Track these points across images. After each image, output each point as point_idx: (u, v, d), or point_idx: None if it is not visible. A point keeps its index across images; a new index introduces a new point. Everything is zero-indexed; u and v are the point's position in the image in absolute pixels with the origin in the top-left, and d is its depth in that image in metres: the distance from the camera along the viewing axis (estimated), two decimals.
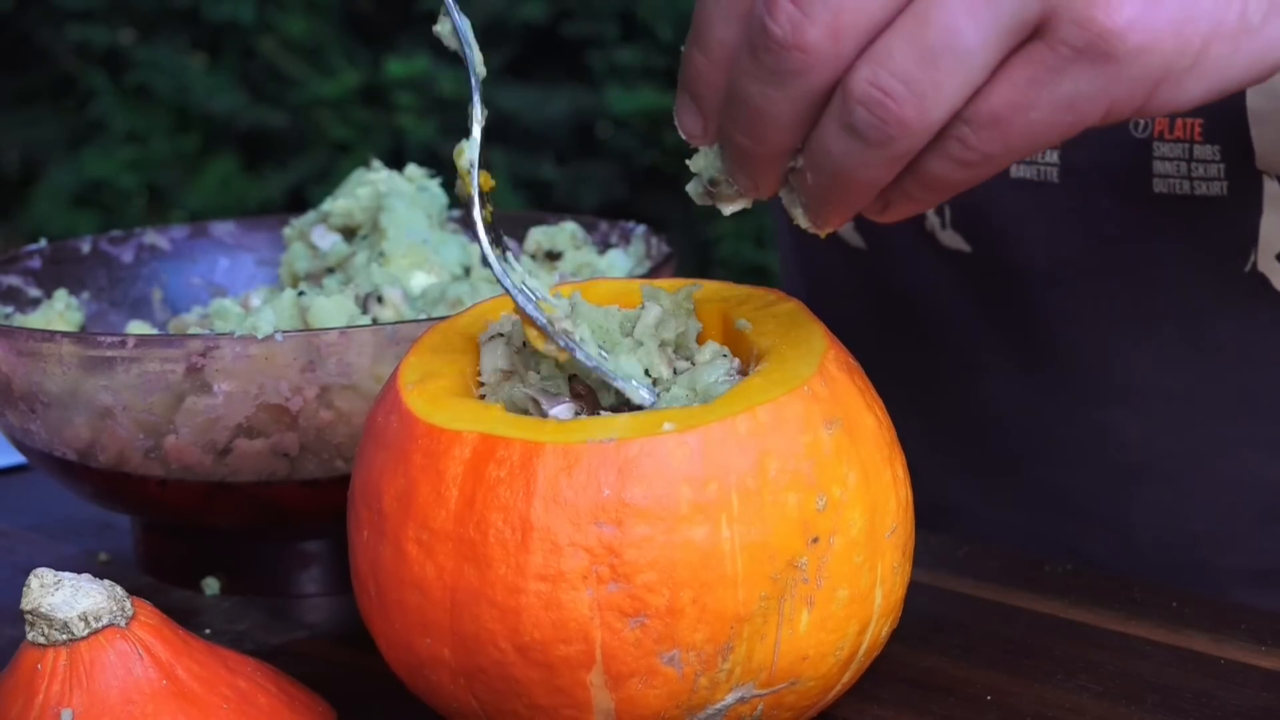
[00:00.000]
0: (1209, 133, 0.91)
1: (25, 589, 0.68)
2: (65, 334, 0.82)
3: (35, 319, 0.97)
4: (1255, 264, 0.92)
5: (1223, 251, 0.93)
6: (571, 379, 0.70)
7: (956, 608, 0.85)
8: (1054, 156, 0.94)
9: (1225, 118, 0.90)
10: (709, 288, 0.74)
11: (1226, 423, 0.96)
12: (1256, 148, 0.90)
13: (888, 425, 0.70)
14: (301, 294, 0.90)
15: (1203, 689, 0.76)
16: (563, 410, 0.68)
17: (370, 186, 0.98)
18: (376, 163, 1.01)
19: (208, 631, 0.85)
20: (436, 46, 3.10)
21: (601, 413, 0.69)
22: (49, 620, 0.68)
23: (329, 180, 3.10)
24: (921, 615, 0.83)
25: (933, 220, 0.99)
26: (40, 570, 0.69)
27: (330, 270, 0.97)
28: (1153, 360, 0.96)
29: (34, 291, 0.99)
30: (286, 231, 1.01)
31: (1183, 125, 0.91)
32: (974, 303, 1.00)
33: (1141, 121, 0.91)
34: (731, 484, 0.64)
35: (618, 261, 0.97)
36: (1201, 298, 0.94)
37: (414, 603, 0.66)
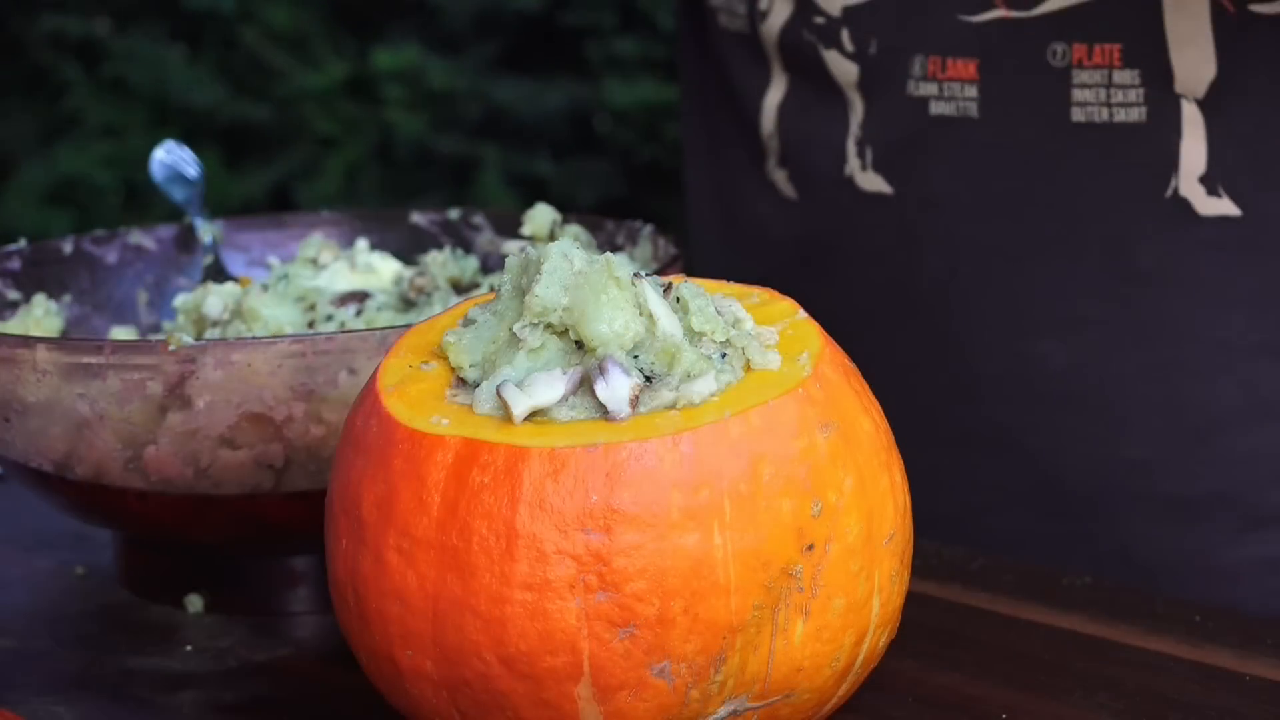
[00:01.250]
0: (1128, 57, 0.95)
1: None
2: (41, 340, 0.83)
3: (13, 324, 0.98)
4: (1177, 189, 0.97)
5: (1144, 177, 0.97)
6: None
7: (970, 622, 0.85)
8: (973, 91, 0.98)
9: (1144, 41, 0.95)
10: (706, 286, 0.75)
11: (1153, 348, 0.99)
12: (1176, 70, 0.95)
13: (885, 429, 0.71)
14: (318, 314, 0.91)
15: (1226, 706, 0.77)
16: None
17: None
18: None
19: (189, 648, 0.85)
20: (427, 37, 3.10)
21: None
22: None
23: (314, 176, 3.10)
24: (933, 630, 0.83)
25: (853, 163, 1.03)
26: None
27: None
28: (1078, 290, 1.00)
29: (12, 294, 1.00)
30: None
31: (1101, 52, 0.95)
32: (896, 246, 1.04)
33: (1059, 50, 0.95)
34: (724, 489, 0.65)
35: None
36: (1125, 225, 0.98)
37: (395, 613, 0.66)
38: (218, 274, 1.05)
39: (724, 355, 0.69)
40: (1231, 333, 0.99)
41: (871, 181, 1.03)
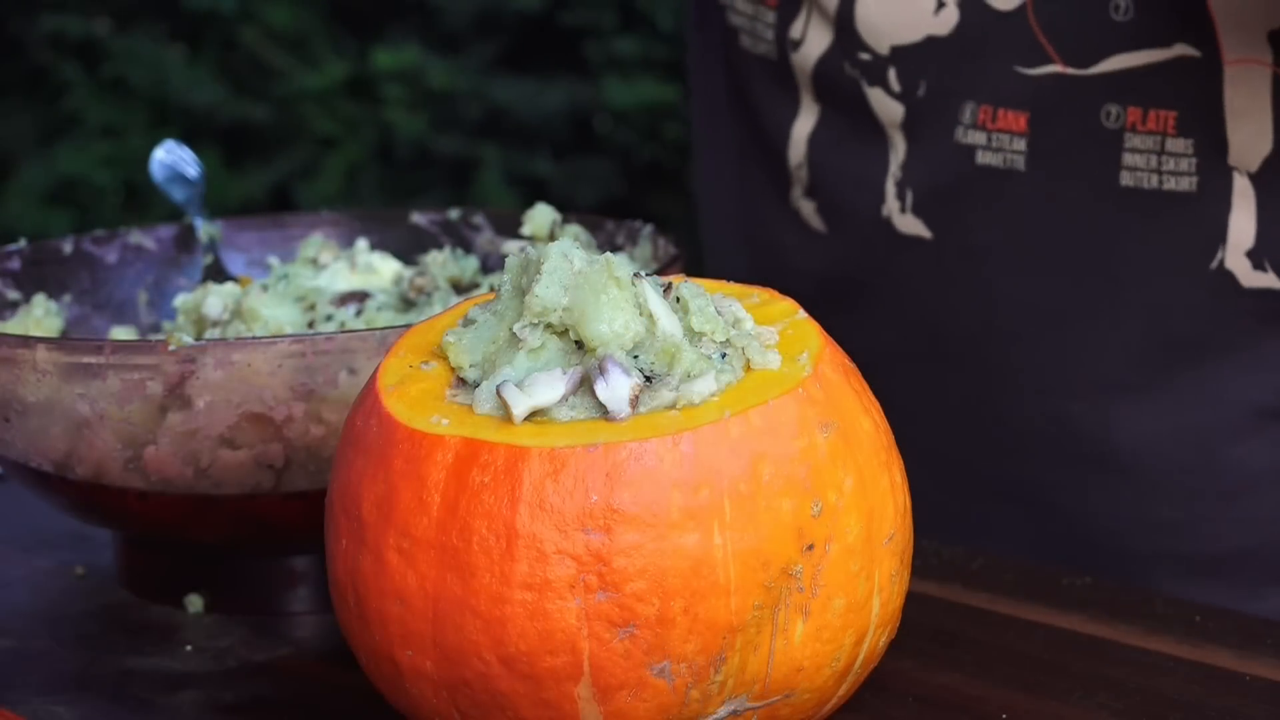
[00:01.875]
0: (1183, 126, 0.93)
1: None
2: (41, 340, 0.83)
3: (13, 324, 0.98)
4: (1223, 261, 0.95)
5: (1189, 248, 0.95)
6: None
7: (970, 623, 0.85)
8: (1022, 144, 0.97)
9: (1201, 111, 0.93)
10: (706, 286, 0.75)
11: (1187, 413, 0.98)
12: (1231, 143, 0.93)
13: (885, 429, 0.71)
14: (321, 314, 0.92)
15: (1227, 706, 0.77)
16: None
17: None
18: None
19: (189, 648, 0.85)
20: (426, 36, 3.10)
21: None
22: None
23: (314, 176, 3.10)
24: (934, 630, 0.83)
25: (892, 204, 1.01)
26: None
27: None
28: (1113, 352, 0.99)
29: (12, 294, 1.00)
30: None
31: (1156, 117, 0.93)
32: (931, 290, 1.03)
33: (1113, 111, 0.93)
34: (724, 489, 0.65)
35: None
36: (1166, 292, 0.97)
37: (395, 613, 0.67)
38: (218, 274, 1.05)
39: (724, 355, 0.69)
40: (1267, 396, 0.98)
41: (910, 224, 1.01)
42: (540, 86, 3.24)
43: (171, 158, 1.12)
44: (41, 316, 0.99)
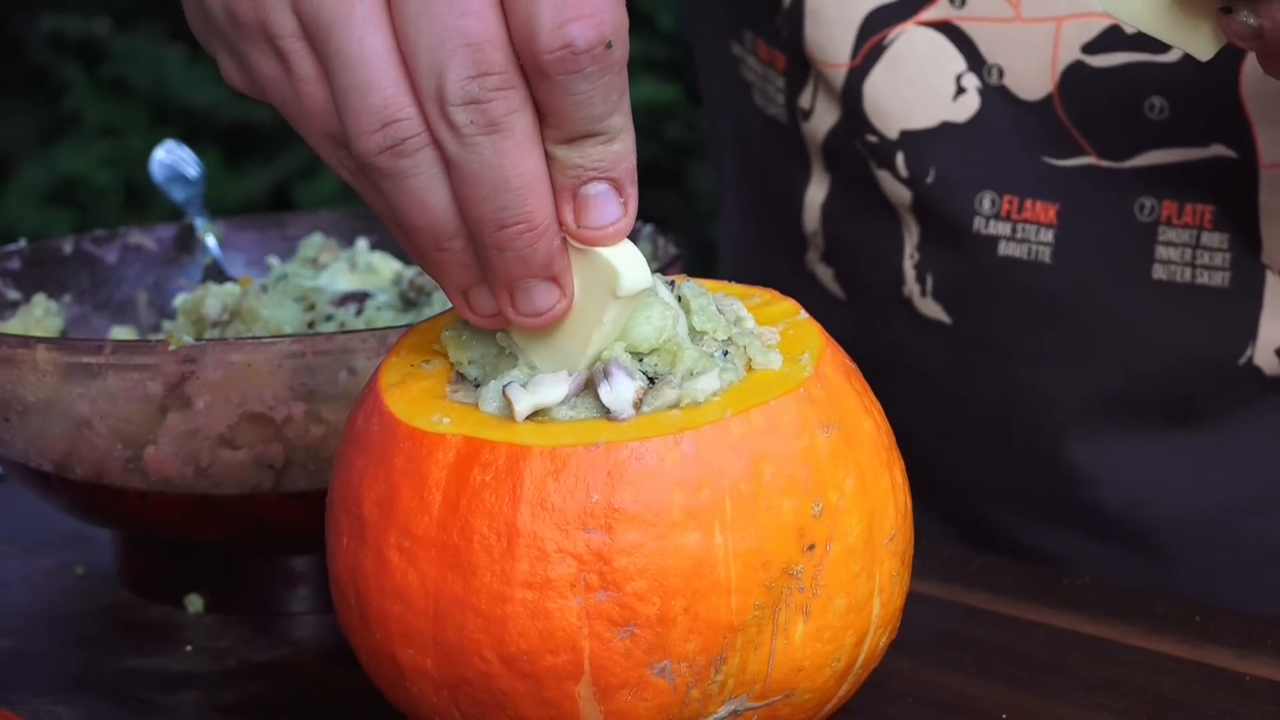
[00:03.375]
0: (1219, 221, 0.92)
1: None
2: (41, 340, 0.83)
3: (13, 324, 0.98)
4: (1251, 358, 0.94)
5: (1219, 343, 0.94)
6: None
7: (970, 622, 0.85)
8: (1049, 236, 0.94)
9: (1236, 207, 0.91)
10: (707, 286, 0.75)
11: (1210, 491, 0.97)
12: (1265, 243, 0.91)
13: (886, 429, 0.71)
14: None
15: (1227, 707, 0.77)
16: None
17: None
18: None
19: (189, 648, 0.85)
20: None
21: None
22: None
23: (314, 176, 3.10)
24: (934, 630, 0.83)
25: (912, 286, 0.99)
26: None
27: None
28: (1136, 440, 0.97)
29: (12, 294, 1.00)
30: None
31: (1192, 212, 0.92)
32: (950, 374, 1.00)
33: (1148, 204, 0.92)
34: (725, 489, 0.65)
35: None
36: (1191, 385, 0.95)
37: (395, 612, 0.67)
38: (218, 274, 1.05)
39: (725, 354, 0.69)
40: None
41: (930, 308, 0.99)
42: None
43: (171, 158, 1.12)
44: (41, 316, 0.99)
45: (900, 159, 0.96)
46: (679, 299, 0.70)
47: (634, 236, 1.00)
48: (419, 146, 0.63)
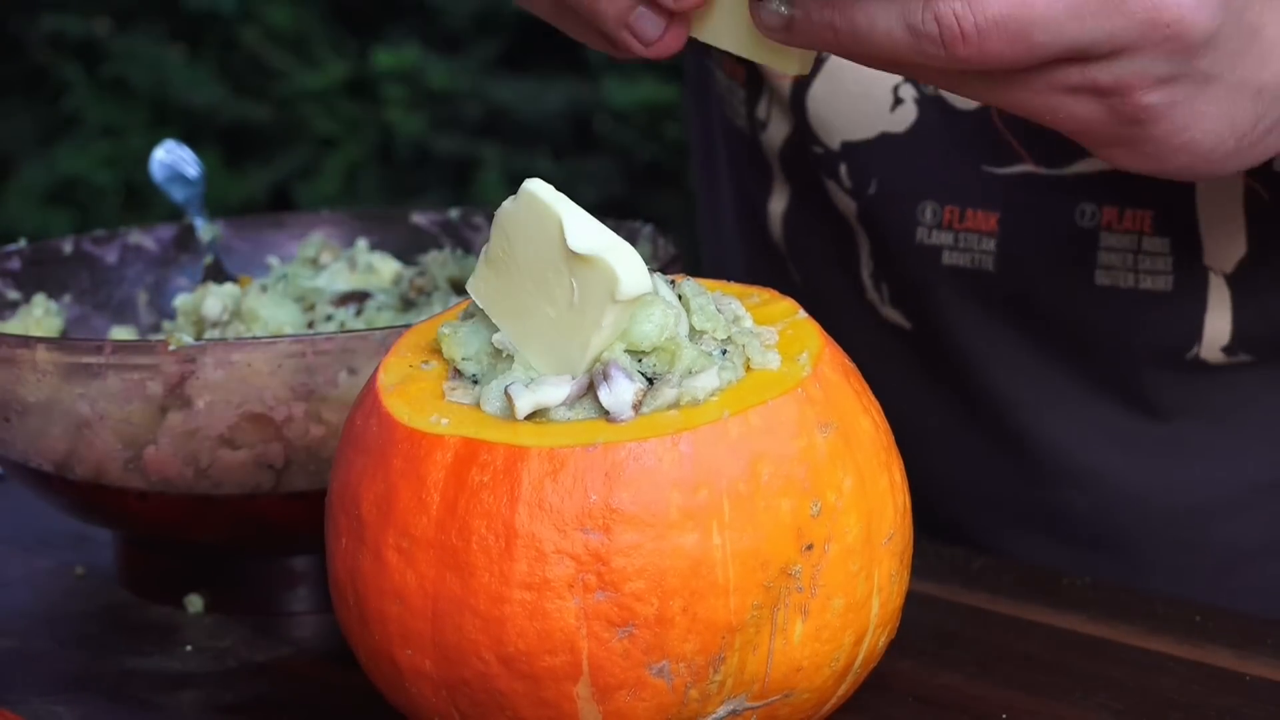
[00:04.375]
0: (1159, 225, 0.92)
1: None
2: (41, 340, 0.83)
3: (13, 324, 0.98)
4: (1198, 355, 0.94)
5: (1165, 343, 0.94)
6: None
7: (970, 622, 0.85)
8: (990, 245, 0.95)
9: (1176, 211, 0.92)
10: (706, 286, 0.75)
11: (1175, 493, 0.97)
12: (1206, 245, 0.92)
13: (885, 429, 0.71)
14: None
15: (1226, 706, 0.77)
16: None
17: None
18: None
19: (189, 648, 0.85)
20: (427, 36, 3.10)
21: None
22: None
23: (314, 176, 3.10)
24: (934, 630, 0.83)
25: (873, 294, 1.00)
26: None
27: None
28: (1096, 441, 0.97)
29: (12, 294, 1.00)
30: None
31: (1133, 217, 0.92)
32: (916, 376, 1.01)
33: (1088, 210, 0.92)
34: (723, 489, 0.65)
35: None
36: (1141, 382, 0.96)
37: (394, 613, 0.67)
38: (218, 274, 1.05)
39: (724, 353, 0.69)
40: (1250, 468, 0.97)
41: (892, 314, 1.00)
42: (540, 86, 3.25)
43: (171, 158, 1.12)
44: (41, 316, 0.99)
45: (844, 170, 0.97)
46: (680, 297, 0.70)
47: (634, 237, 1.00)
48: None
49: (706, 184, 1.17)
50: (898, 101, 0.95)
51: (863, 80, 0.95)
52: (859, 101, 0.96)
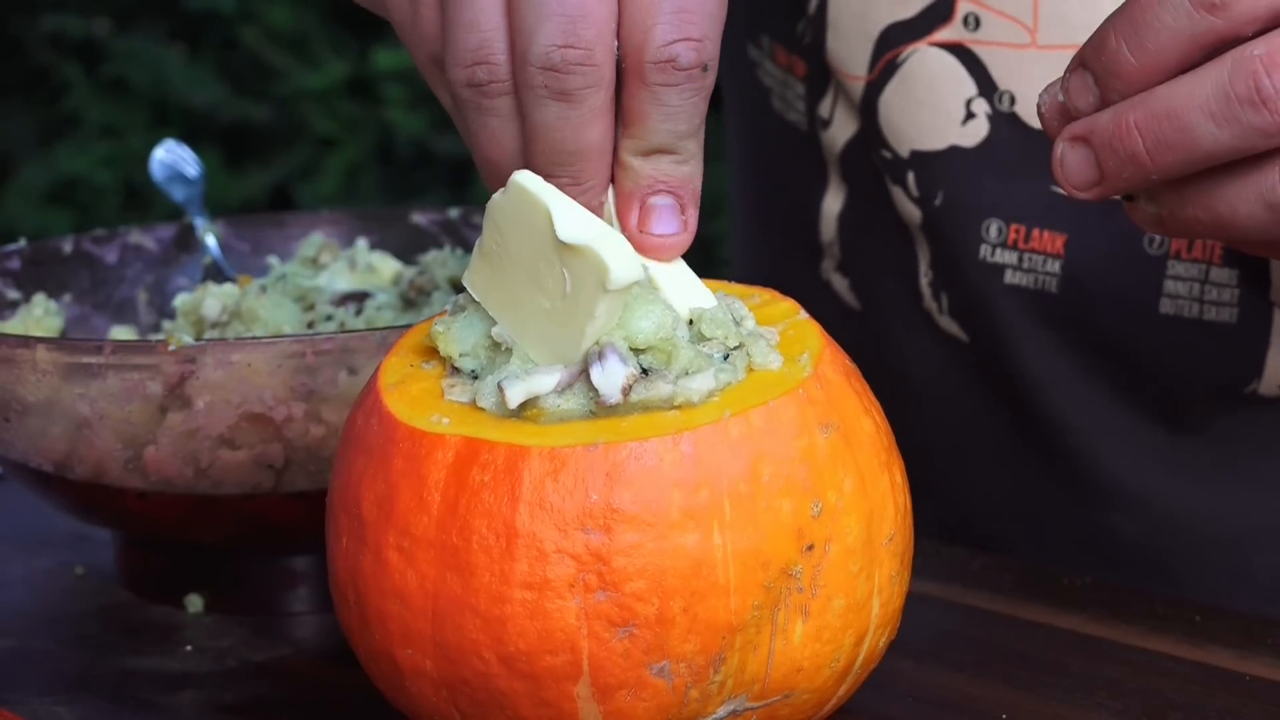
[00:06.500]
0: (1229, 256, 0.91)
1: None
2: (41, 340, 0.83)
3: (13, 324, 0.98)
4: (1256, 390, 0.93)
5: (1224, 376, 0.93)
6: None
7: (970, 622, 0.85)
8: (1055, 266, 0.94)
9: None
10: (707, 286, 0.75)
11: (1223, 521, 0.97)
12: (1274, 279, 0.91)
13: (886, 430, 0.71)
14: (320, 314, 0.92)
15: (1226, 706, 0.77)
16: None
17: None
18: None
19: (189, 648, 0.85)
20: None
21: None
22: None
23: (314, 176, 3.10)
24: (933, 630, 0.83)
25: (930, 303, 0.99)
26: None
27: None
28: (1148, 467, 0.97)
29: (12, 294, 1.00)
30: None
31: (1202, 246, 0.91)
32: (970, 389, 1.00)
33: (1157, 238, 0.91)
34: (723, 489, 0.65)
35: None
36: (1199, 414, 0.95)
37: (395, 612, 0.67)
38: (218, 274, 1.05)
39: (726, 356, 0.69)
40: None
41: (949, 325, 0.99)
42: None
43: (171, 157, 1.12)
44: (41, 316, 0.99)
45: (911, 178, 0.96)
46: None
47: None
48: (500, 91, 0.68)
49: (734, 175, 1.16)
50: (969, 115, 0.94)
51: (936, 89, 0.94)
52: (931, 111, 0.94)
